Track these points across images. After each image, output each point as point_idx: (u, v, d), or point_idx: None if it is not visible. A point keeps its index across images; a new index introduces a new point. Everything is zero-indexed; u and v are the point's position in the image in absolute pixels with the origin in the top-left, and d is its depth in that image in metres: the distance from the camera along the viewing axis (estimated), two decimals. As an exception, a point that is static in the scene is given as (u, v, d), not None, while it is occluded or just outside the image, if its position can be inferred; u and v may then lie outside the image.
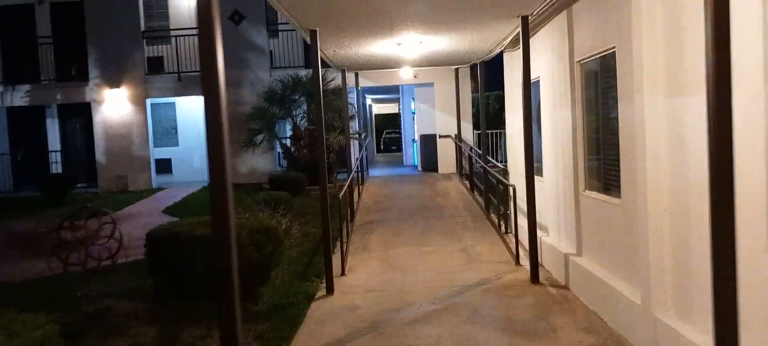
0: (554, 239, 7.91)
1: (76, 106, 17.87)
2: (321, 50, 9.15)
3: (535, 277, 7.34)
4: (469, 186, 14.15)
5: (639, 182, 4.95)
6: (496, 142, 18.33)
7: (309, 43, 7.43)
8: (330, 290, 7.35)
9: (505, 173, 10.15)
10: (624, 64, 5.28)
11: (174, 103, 18.85)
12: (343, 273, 8.15)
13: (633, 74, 4.94)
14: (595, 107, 6.40)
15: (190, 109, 18.91)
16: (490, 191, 11.46)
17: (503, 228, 10.14)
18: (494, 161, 12.82)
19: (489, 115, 18.35)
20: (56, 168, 18.35)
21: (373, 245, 9.80)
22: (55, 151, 18.44)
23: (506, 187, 9.98)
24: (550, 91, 7.81)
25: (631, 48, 4.99)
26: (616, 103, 5.58)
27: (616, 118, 5.62)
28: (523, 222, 8.59)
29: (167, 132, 19.04)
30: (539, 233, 7.79)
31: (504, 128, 18.84)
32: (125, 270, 8.36)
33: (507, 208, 10.11)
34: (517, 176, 9.75)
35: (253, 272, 6.81)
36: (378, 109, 34.20)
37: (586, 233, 6.69)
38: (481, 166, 11.52)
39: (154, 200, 15.39)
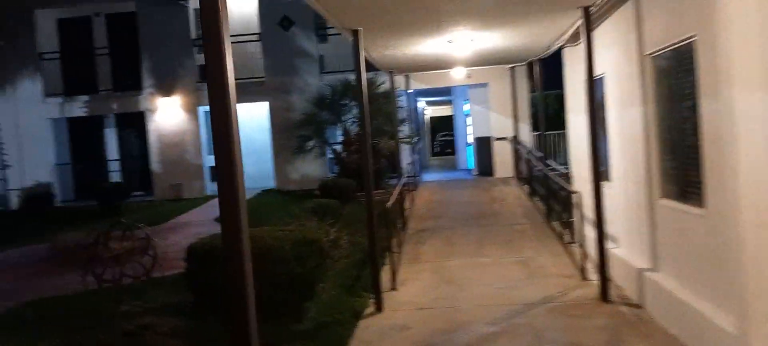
0: (625, 251, 7.18)
1: (132, 116, 18.11)
2: (366, 51, 8.72)
3: (604, 294, 6.64)
4: (528, 191, 13.42)
5: (729, 190, 4.26)
6: (556, 144, 17.46)
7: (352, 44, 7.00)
8: (379, 307, 6.88)
9: (567, 177, 9.44)
10: (707, 55, 4.58)
11: (226, 111, 18.83)
12: (393, 288, 7.66)
13: (720, 66, 4.26)
14: (671, 105, 5.69)
15: (242, 116, 18.83)
16: (551, 197, 10.74)
17: (567, 238, 9.42)
18: (554, 164, 12.07)
19: (548, 116, 17.52)
20: (114, 177, 18.66)
21: (426, 255, 9.28)
22: (113, 160, 18.76)
23: (569, 193, 9.27)
24: (616, 88, 7.10)
25: (716, 36, 4.30)
26: (696, 100, 4.88)
27: (696, 118, 4.92)
28: (589, 232, 7.88)
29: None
30: (608, 244, 7.08)
31: (563, 129, 17.97)
32: (167, 284, 8.13)
33: (570, 216, 9.39)
34: (581, 180, 9.03)
35: (296, 287, 6.41)
36: (431, 112, 33.57)
37: (663, 246, 5.97)
38: (541, 171, 10.83)
39: (207, 208, 15.35)
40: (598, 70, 7.22)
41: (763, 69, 3.91)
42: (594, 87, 6.58)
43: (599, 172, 6.70)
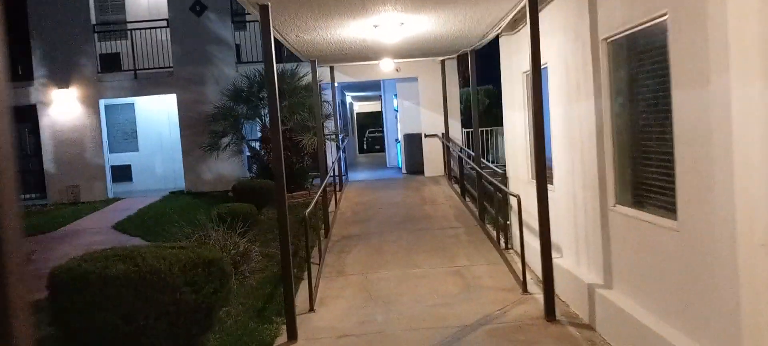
0: (571, 262, 6.41)
1: (24, 109, 16.06)
2: (279, 34, 7.58)
3: (550, 313, 5.84)
4: (459, 191, 12.65)
5: (717, 202, 3.46)
6: (487, 141, 16.86)
7: (260, 21, 5.85)
8: (292, 335, 5.80)
9: (503, 177, 8.65)
10: (684, 37, 3.79)
11: (133, 105, 17.12)
12: (311, 308, 6.59)
13: (707, 49, 3.45)
14: (631, 98, 4.91)
15: (151, 110, 17.20)
16: (484, 197, 9.97)
17: (502, 243, 8.65)
18: (487, 163, 11.33)
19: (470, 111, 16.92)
20: (3, 178, 16.51)
21: (351, 266, 8.25)
22: (1, 160, 16.59)
23: (506, 195, 8.49)
24: (563, 80, 6.31)
25: (700, 14, 3.49)
26: (667, 91, 4.09)
27: (667, 112, 4.13)
28: (530, 239, 7.09)
29: (126, 136, 17.31)
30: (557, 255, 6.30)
31: (495, 126, 17.45)
32: (38, 310, 6.68)
33: (506, 218, 8.62)
34: (518, 182, 8.27)
35: (189, 318, 5.23)
36: (359, 107, 32.64)
37: (618, 261, 5.20)
38: (474, 170, 10.03)
39: (107, 213, 13.69)
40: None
41: (765, 52, 3.12)
42: (541, 76, 5.74)
43: (545, 175, 5.88)
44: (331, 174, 12.89)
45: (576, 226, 6.18)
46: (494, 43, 9.29)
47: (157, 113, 17.08)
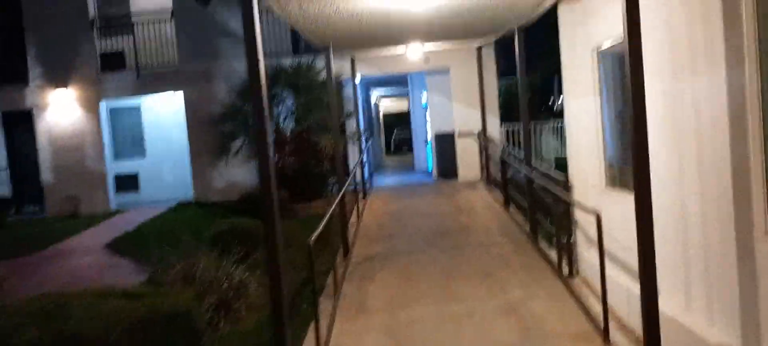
0: (676, 307, 4.60)
1: (19, 114, 14.78)
2: (279, 5, 5.93)
3: (657, 385, 4.04)
4: (502, 199, 10.83)
5: None
6: (516, 137, 15.03)
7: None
8: (289, 416, 4.12)
9: (565, 185, 6.83)
10: None
11: (139, 107, 15.71)
12: (320, 366, 4.91)
13: None
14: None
15: (159, 112, 15.76)
16: (536, 206, 8.19)
17: (565, 269, 6.84)
18: (540, 167, 9.51)
19: (514, 107, 15.09)
20: (2, 189, 15.29)
21: (375, 300, 6.55)
22: (2, 170, 15.36)
23: (568, 207, 6.70)
24: (663, 44, 4.50)
25: None
26: None
27: None
28: (612, 271, 5.29)
29: (133, 142, 15.90)
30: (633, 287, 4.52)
31: (533, 121, 15.59)
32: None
33: (570, 235, 6.82)
34: (587, 190, 6.46)
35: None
36: (385, 106, 30.91)
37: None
38: (525, 176, 8.25)
39: (104, 228, 12.25)
40: (616, 32, 4.65)
41: None
42: (639, 40, 3.92)
43: (649, 182, 4.07)
44: (353, 180, 11.25)
45: (688, 256, 4.37)
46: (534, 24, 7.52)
47: (166, 116, 15.63)
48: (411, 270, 7.45)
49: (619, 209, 5.50)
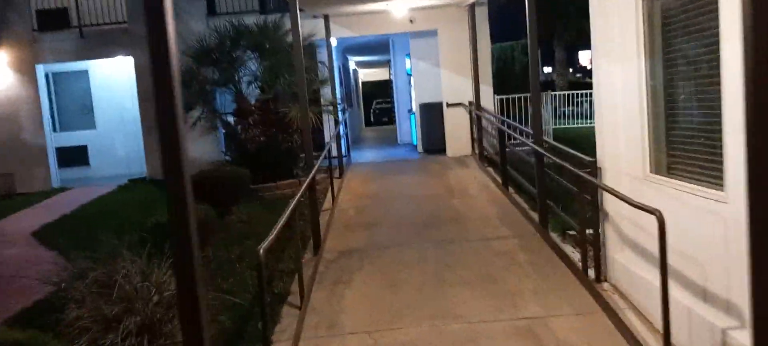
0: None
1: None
2: None
3: None
4: (499, 179, 9.42)
5: None
6: (523, 111, 13.63)
7: None
8: None
9: (592, 167, 5.38)
10: None
11: (86, 72, 13.92)
12: None
13: None
14: None
15: (111, 78, 14.00)
16: (545, 190, 6.79)
17: (591, 272, 5.46)
18: (554, 143, 8.08)
19: (513, 75, 13.68)
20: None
21: (351, 315, 5.12)
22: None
23: (594, 194, 5.30)
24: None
25: None
26: None
27: None
28: (636, 266, 3.91)
29: (80, 111, 14.13)
30: (712, 311, 3.16)
31: (520, 93, 14.17)
32: None
33: (596, 228, 5.42)
34: (620, 176, 5.04)
35: None
36: (365, 75, 29.25)
37: None
38: (533, 153, 6.84)
39: (39, 210, 10.63)
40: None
41: None
42: None
43: (759, 172, 2.62)
44: (328, 155, 9.76)
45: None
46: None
47: (118, 83, 13.88)
48: (396, 271, 6.02)
49: (670, 202, 4.11)
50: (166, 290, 4.91)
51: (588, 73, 37.12)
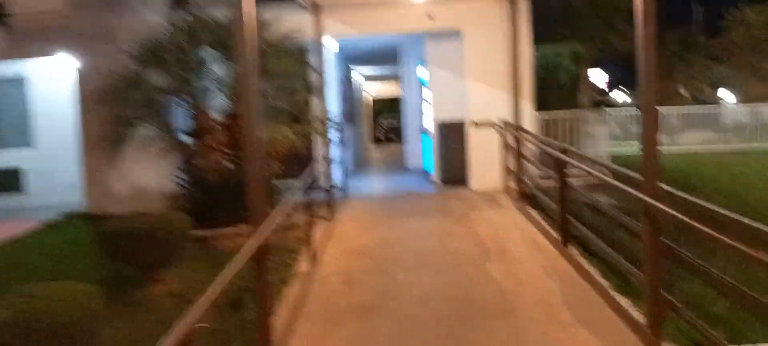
0: None
1: None
2: None
3: None
4: (555, 234, 6.57)
5: None
6: (569, 132, 10.84)
7: None
8: None
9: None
10: None
11: (21, 78, 11.25)
12: None
13: None
14: None
15: (53, 87, 11.32)
16: (661, 271, 3.94)
17: None
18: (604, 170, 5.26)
19: (544, 86, 10.97)
20: None
21: None
22: None
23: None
24: None
25: None
26: None
27: None
28: None
29: (12, 126, 11.44)
30: None
31: (565, 109, 11.43)
32: None
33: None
34: None
35: None
36: (372, 89, 26.38)
37: None
38: (640, 201, 3.99)
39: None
40: None
41: None
42: None
43: None
44: (313, 188, 7.01)
45: None
46: None
47: (62, 92, 11.18)
48: None
49: None
50: None
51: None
